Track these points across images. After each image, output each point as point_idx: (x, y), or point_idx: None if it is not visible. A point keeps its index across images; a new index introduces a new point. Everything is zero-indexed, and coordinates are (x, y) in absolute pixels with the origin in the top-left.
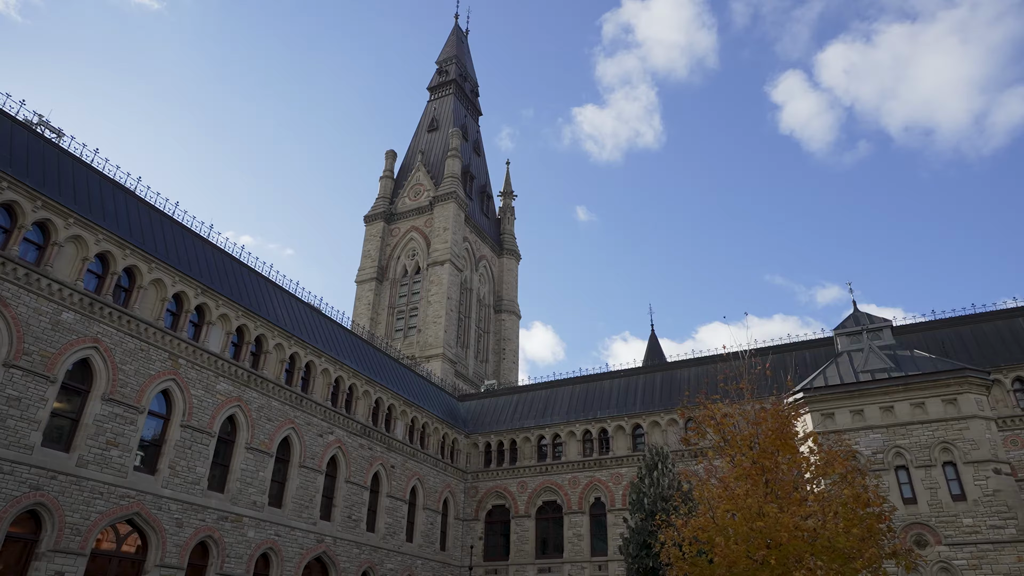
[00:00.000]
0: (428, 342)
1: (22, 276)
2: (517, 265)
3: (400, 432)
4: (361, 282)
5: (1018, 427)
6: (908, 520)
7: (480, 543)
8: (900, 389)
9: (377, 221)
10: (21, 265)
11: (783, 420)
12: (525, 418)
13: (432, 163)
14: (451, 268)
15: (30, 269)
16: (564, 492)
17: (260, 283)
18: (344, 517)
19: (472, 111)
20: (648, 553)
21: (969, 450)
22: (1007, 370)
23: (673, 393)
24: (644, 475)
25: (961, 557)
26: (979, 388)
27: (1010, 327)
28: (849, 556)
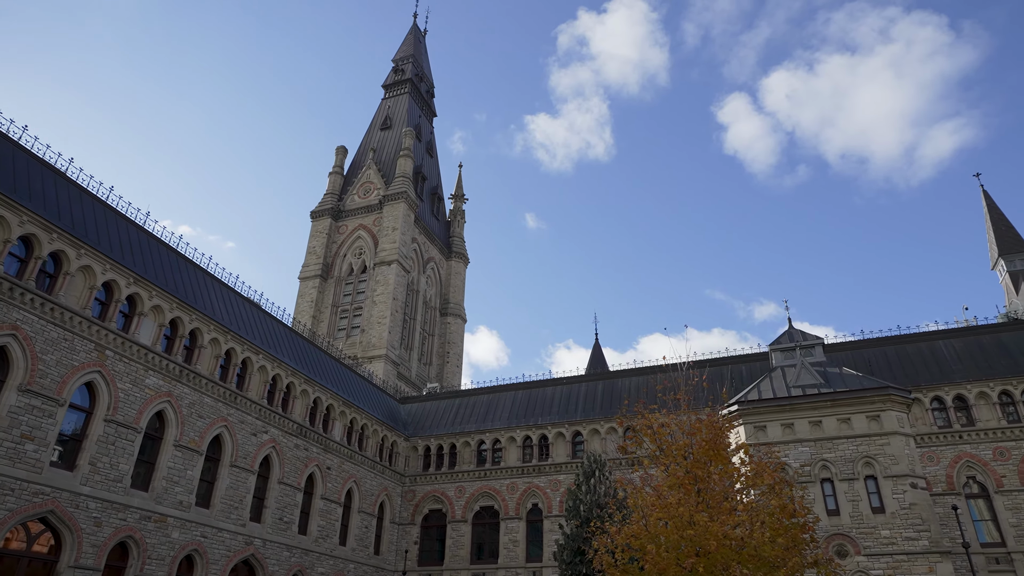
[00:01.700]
0: (371, 343)
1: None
2: (465, 269)
3: (338, 433)
4: (305, 279)
5: (934, 444)
6: (831, 531)
7: (415, 547)
8: (828, 405)
9: (324, 217)
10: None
11: (717, 431)
12: (466, 422)
13: (384, 162)
14: (398, 269)
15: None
16: (502, 497)
17: (198, 275)
18: (275, 519)
19: (427, 112)
20: (582, 560)
21: (889, 465)
22: (926, 390)
23: (614, 402)
24: (581, 482)
25: (878, 567)
26: (900, 406)
27: (931, 349)
28: (774, 564)
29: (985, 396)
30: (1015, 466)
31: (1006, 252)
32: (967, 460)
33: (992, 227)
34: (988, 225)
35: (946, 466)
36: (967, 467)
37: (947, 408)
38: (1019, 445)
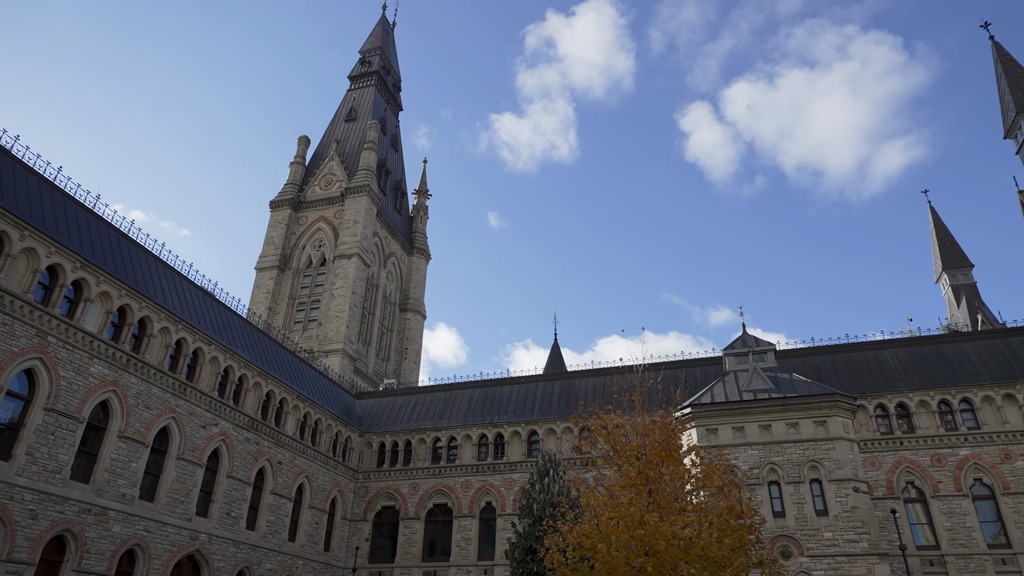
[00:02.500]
0: (328, 336)
1: None
2: (426, 265)
3: (291, 427)
4: (262, 269)
5: (877, 450)
6: (776, 532)
7: (367, 544)
8: (778, 409)
9: (284, 208)
10: None
11: (670, 433)
12: (422, 419)
13: (347, 154)
14: (358, 262)
15: None
16: (456, 495)
17: (149, 262)
18: (223, 514)
19: (393, 105)
20: (533, 558)
21: (834, 469)
22: (871, 397)
23: (570, 402)
24: (536, 481)
25: (820, 568)
26: (846, 412)
27: (876, 357)
28: (720, 564)
29: (925, 404)
30: (951, 472)
31: (949, 267)
32: (906, 466)
33: (937, 242)
34: (934, 240)
35: (887, 471)
36: (906, 472)
37: (890, 415)
38: (955, 452)
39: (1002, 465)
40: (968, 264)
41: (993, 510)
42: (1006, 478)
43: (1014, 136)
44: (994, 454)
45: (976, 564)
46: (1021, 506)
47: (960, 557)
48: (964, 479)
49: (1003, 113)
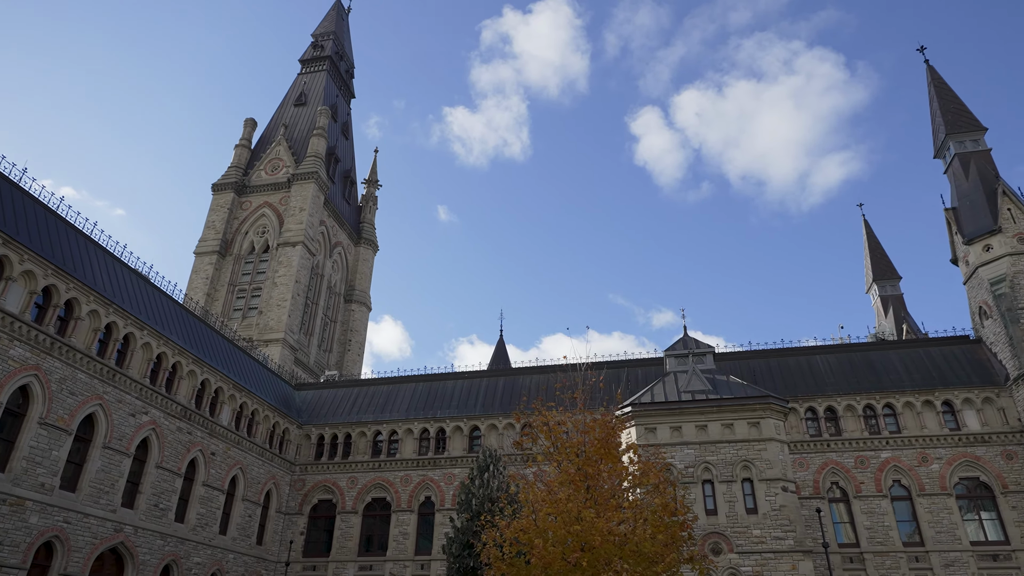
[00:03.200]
0: (269, 325)
1: None
2: (374, 256)
3: (226, 417)
4: (201, 254)
5: (805, 451)
6: (708, 529)
7: (301, 538)
8: (714, 410)
9: (227, 191)
10: None
11: (609, 431)
12: (363, 412)
13: (295, 139)
14: (303, 251)
15: None
16: (395, 490)
17: (79, 241)
18: (150, 505)
19: (345, 92)
20: (470, 553)
21: (765, 469)
22: (802, 400)
23: (514, 398)
24: (475, 476)
25: (748, 564)
26: (778, 414)
27: (808, 362)
28: (652, 560)
29: (852, 409)
30: (872, 474)
31: (879, 278)
32: (832, 467)
33: (869, 254)
34: (866, 252)
35: (814, 472)
36: (832, 473)
37: (819, 418)
38: (877, 455)
39: (919, 468)
40: (896, 276)
41: (909, 510)
42: (922, 480)
43: (943, 156)
44: (912, 457)
45: (892, 561)
46: (934, 507)
47: (877, 554)
48: (884, 480)
49: (934, 134)
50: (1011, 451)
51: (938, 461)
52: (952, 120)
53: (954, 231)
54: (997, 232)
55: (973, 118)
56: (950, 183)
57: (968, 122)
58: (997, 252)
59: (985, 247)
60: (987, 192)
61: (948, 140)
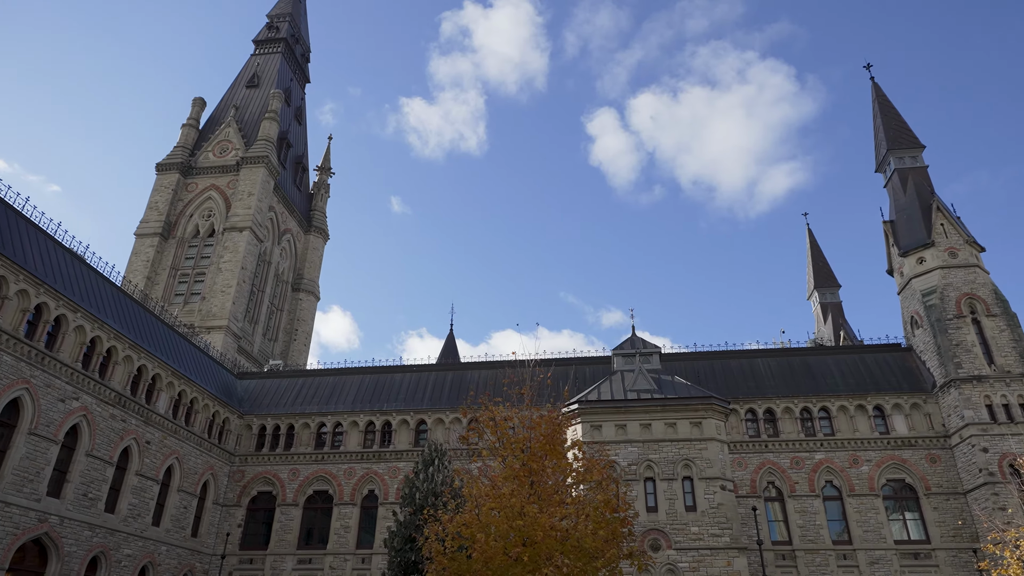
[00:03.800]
0: (212, 312)
1: None
2: (324, 245)
3: (163, 405)
4: (142, 236)
5: (744, 452)
6: (649, 526)
7: (239, 531)
8: (659, 409)
9: (171, 172)
10: None
11: (555, 427)
12: (308, 403)
13: (246, 121)
14: (250, 236)
15: None
16: (338, 482)
17: (9, 216)
18: (79, 495)
19: (299, 76)
20: (412, 547)
21: (705, 468)
22: (743, 402)
23: (462, 393)
24: (420, 470)
25: (685, 560)
26: (720, 415)
27: (750, 365)
28: (593, 555)
29: (790, 411)
30: (807, 474)
31: (820, 285)
32: (769, 467)
33: (812, 262)
34: (809, 260)
35: (752, 471)
36: (768, 473)
37: (758, 419)
38: (812, 456)
39: (850, 469)
40: (836, 284)
41: (839, 510)
42: (852, 481)
43: (884, 171)
44: (844, 459)
45: (821, 559)
46: (863, 507)
47: (808, 552)
48: (817, 481)
49: (876, 148)
50: (935, 455)
51: (868, 463)
52: (893, 137)
53: (891, 243)
54: (930, 246)
55: (913, 136)
56: (889, 197)
57: (908, 139)
58: (930, 265)
59: (919, 259)
60: (923, 207)
61: (889, 156)
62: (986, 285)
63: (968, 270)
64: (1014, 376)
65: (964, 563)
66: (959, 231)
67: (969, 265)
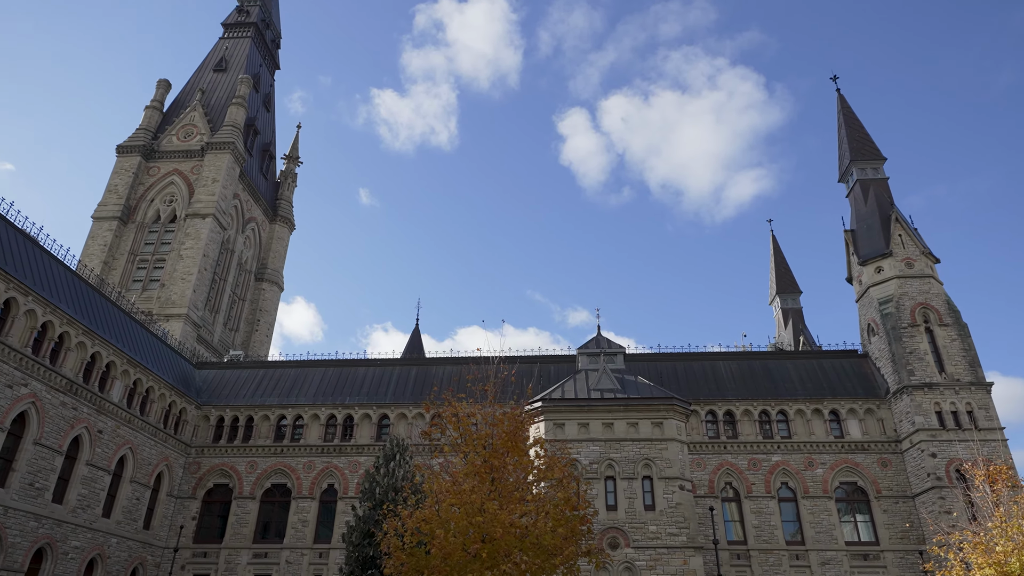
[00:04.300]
0: (172, 299)
1: None
2: (289, 235)
3: (117, 394)
4: (100, 219)
5: (704, 452)
6: (608, 524)
7: (193, 523)
8: (621, 409)
9: (133, 154)
10: None
11: (518, 424)
12: (268, 395)
13: (212, 106)
14: (214, 223)
15: None
16: (297, 476)
17: None
18: (25, 484)
19: (269, 62)
20: (370, 542)
21: (665, 468)
22: (704, 403)
23: (425, 388)
24: (381, 465)
25: (642, 559)
26: (681, 416)
27: (712, 368)
28: (551, 552)
29: (749, 414)
30: (763, 476)
31: (782, 291)
32: (727, 468)
33: (774, 268)
34: (772, 266)
35: (710, 472)
36: (726, 474)
37: (718, 421)
38: (768, 458)
39: (805, 471)
40: (798, 290)
41: (794, 511)
42: (807, 483)
43: (846, 181)
44: (800, 461)
45: (775, 559)
46: (816, 508)
47: (763, 552)
48: (773, 482)
49: (839, 159)
50: (886, 459)
51: (822, 466)
52: (857, 148)
53: (851, 252)
54: (888, 255)
55: (875, 148)
56: (851, 206)
57: (871, 151)
58: (887, 274)
59: (877, 269)
60: (882, 218)
61: (852, 166)
62: (940, 296)
63: (923, 280)
64: (963, 384)
65: (911, 564)
66: (916, 242)
67: (924, 276)
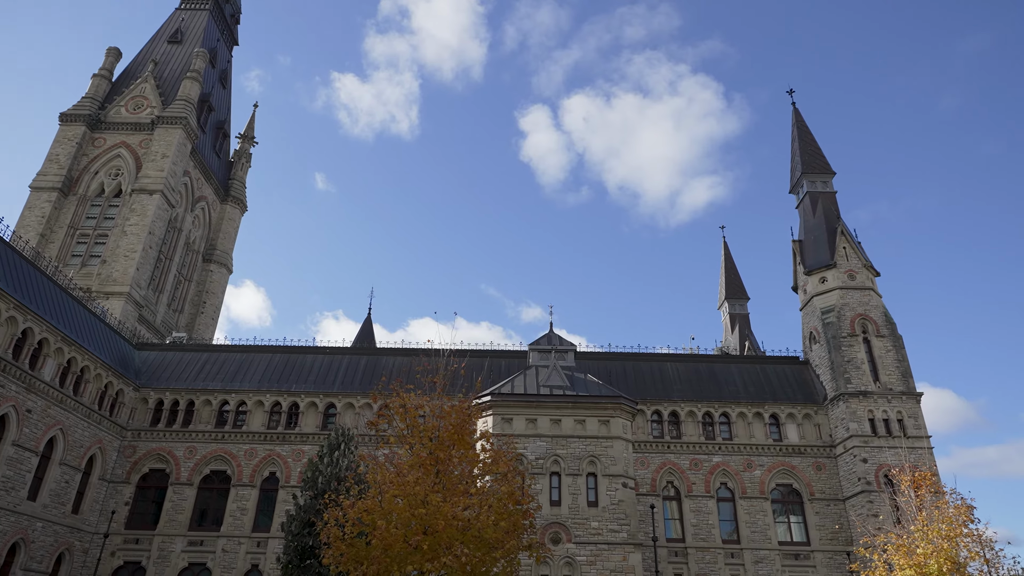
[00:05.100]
0: (113, 277)
1: None
2: (241, 216)
3: (49, 372)
4: (38, 189)
5: (648, 451)
6: (551, 519)
7: (126, 509)
8: (570, 406)
9: (77, 123)
10: None
11: (465, 417)
12: (211, 379)
13: (165, 79)
14: (161, 200)
15: None
16: (237, 463)
17: None
18: None
19: (227, 37)
20: (310, 532)
21: (609, 465)
22: (650, 403)
23: (375, 378)
24: (325, 454)
25: (583, 554)
26: (627, 415)
27: (660, 368)
28: (493, 546)
29: (693, 415)
30: (704, 476)
31: (730, 297)
32: (669, 467)
33: (725, 274)
34: (722, 271)
35: (653, 470)
36: (668, 473)
37: (663, 421)
38: (710, 458)
39: (744, 473)
40: (745, 296)
41: (731, 511)
42: (745, 484)
43: (797, 192)
44: (739, 463)
45: (711, 556)
46: (753, 509)
47: (699, 550)
48: (713, 482)
49: (791, 171)
50: (821, 463)
51: (760, 468)
52: (808, 161)
53: (798, 261)
54: (833, 267)
55: (825, 162)
56: (800, 217)
57: (821, 165)
58: (830, 285)
59: (821, 279)
60: (829, 230)
61: (803, 179)
62: (878, 308)
63: (864, 292)
64: (895, 394)
65: (839, 565)
66: (859, 255)
67: (865, 288)
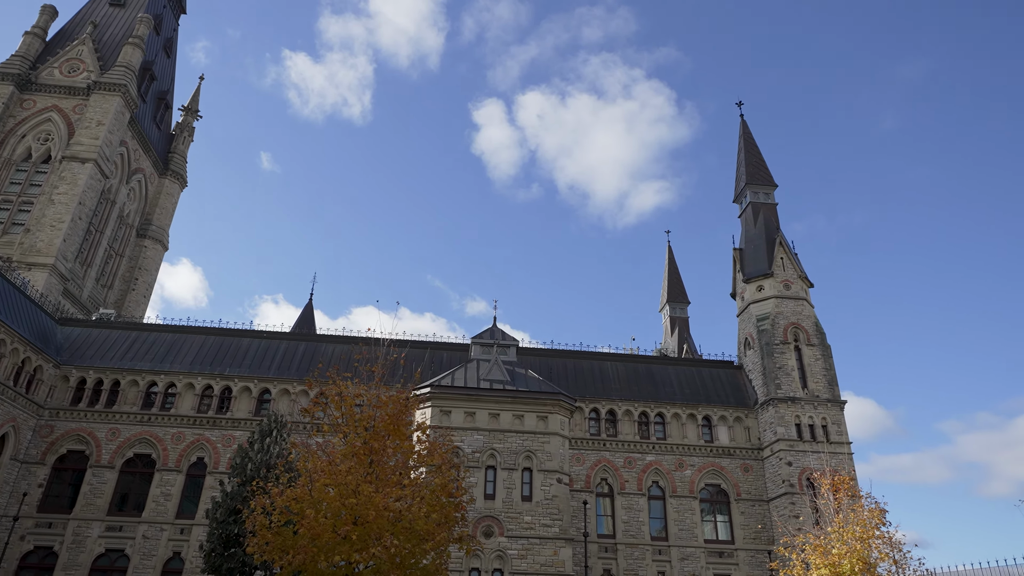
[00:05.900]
0: (37, 247)
1: None
2: (180, 191)
3: None
4: None
5: (584, 448)
6: (485, 512)
7: (39, 491)
8: (509, 401)
9: (5, 82)
10: None
11: (402, 408)
12: (139, 359)
13: (105, 43)
14: (94, 169)
15: None
16: (163, 447)
17: None
18: None
19: (175, 4)
20: (236, 519)
21: (545, 460)
22: (589, 401)
23: (313, 365)
24: (256, 440)
25: (515, 548)
26: (566, 411)
27: (600, 367)
28: (423, 537)
29: (629, 414)
30: (637, 474)
31: (672, 300)
32: (604, 464)
33: (667, 277)
34: (665, 275)
35: (588, 467)
36: (603, 470)
37: (600, 419)
38: (643, 457)
39: (675, 472)
40: (686, 301)
41: (661, 509)
42: (676, 483)
43: (740, 202)
44: (671, 462)
45: (640, 553)
46: (682, 507)
47: (629, 546)
48: (646, 481)
49: (736, 180)
50: (748, 464)
51: (691, 468)
52: (752, 173)
53: (737, 269)
54: (770, 276)
55: (769, 174)
56: (742, 226)
57: (764, 177)
58: (767, 293)
59: (759, 287)
60: (768, 240)
61: (746, 189)
62: (810, 318)
63: (797, 302)
64: (821, 401)
65: (760, 563)
66: (795, 266)
67: (799, 298)
